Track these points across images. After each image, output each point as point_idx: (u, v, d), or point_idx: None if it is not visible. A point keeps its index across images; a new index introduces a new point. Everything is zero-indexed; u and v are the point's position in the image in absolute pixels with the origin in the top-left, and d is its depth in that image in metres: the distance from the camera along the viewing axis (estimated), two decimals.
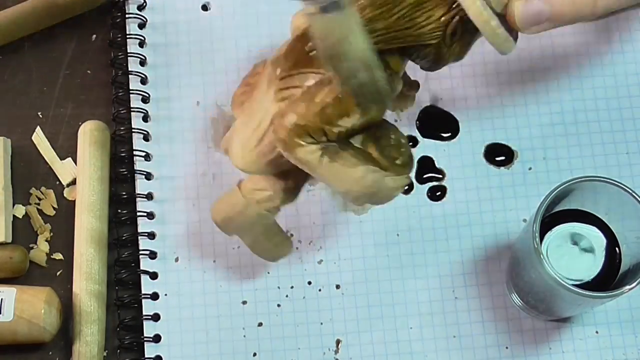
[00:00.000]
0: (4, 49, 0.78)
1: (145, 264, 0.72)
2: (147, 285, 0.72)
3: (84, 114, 0.76)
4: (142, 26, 0.77)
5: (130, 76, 0.75)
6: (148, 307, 0.71)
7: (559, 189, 0.62)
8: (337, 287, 0.72)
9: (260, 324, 0.71)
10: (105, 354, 0.71)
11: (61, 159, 0.75)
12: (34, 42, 0.78)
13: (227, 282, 0.72)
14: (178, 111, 0.75)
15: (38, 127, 0.76)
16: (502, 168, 0.74)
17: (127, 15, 0.77)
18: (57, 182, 0.75)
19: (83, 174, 0.73)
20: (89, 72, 0.78)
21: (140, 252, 0.72)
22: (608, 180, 0.63)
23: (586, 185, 0.63)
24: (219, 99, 0.76)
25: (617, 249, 0.66)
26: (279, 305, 0.72)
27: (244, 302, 0.72)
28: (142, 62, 0.76)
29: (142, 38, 0.76)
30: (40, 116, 0.77)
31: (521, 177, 0.74)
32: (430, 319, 0.71)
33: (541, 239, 0.64)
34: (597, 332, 0.71)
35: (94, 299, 0.71)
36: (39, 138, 0.76)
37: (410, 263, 0.72)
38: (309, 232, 0.73)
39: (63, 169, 0.75)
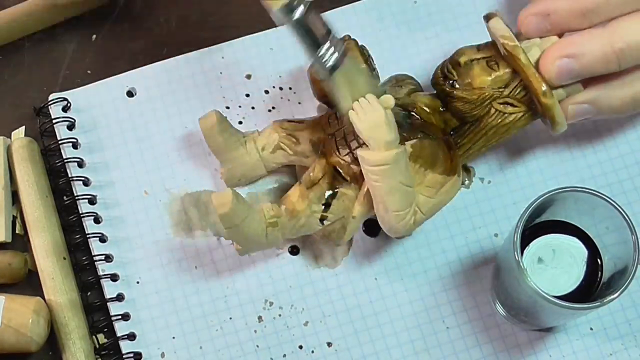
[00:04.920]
0: (4, 49, 0.77)
1: None
2: None
3: None
4: (71, 127, 0.75)
5: (73, 182, 0.73)
6: None
7: (537, 202, 0.62)
8: (329, 344, 0.71)
9: None
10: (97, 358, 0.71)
11: None
12: (34, 42, 0.77)
13: None
14: (128, 206, 0.74)
15: (22, 128, 0.75)
16: (462, 188, 0.74)
17: (53, 120, 0.75)
18: None
19: (22, 192, 0.73)
20: (89, 72, 0.77)
21: (124, 357, 0.71)
22: (586, 190, 0.62)
23: (564, 196, 0.63)
24: (166, 183, 0.74)
25: (598, 259, 0.66)
26: None
27: None
28: (80, 164, 0.74)
29: (75, 140, 0.74)
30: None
31: (483, 193, 0.74)
32: (428, 355, 0.71)
33: (521, 253, 0.64)
34: (591, 328, 0.71)
35: (66, 309, 0.71)
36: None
37: (394, 304, 0.72)
38: (287, 296, 0.72)
39: None
